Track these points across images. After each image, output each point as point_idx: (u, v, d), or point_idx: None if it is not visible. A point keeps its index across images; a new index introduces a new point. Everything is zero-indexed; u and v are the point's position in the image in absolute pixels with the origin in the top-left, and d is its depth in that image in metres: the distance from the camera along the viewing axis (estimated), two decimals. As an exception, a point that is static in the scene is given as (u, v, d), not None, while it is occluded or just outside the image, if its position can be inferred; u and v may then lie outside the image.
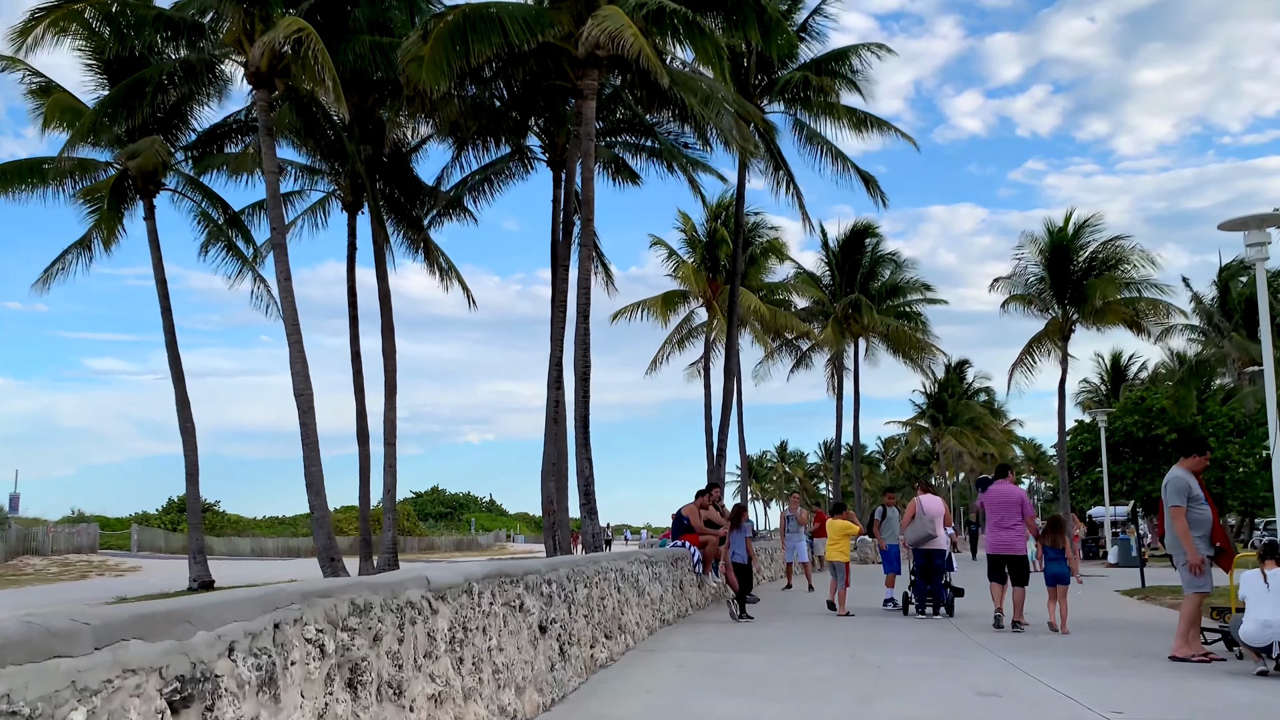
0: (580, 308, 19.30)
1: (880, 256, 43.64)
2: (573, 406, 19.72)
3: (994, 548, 12.43)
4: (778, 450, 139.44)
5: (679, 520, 15.55)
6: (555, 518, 22.22)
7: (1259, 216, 14.99)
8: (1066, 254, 28.68)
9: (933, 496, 14.63)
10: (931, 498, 14.55)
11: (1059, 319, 29.16)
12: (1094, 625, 12.87)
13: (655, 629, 11.75)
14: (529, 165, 26.95)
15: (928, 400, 79.86)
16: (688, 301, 38.86)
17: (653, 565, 12.08)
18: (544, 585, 7.02)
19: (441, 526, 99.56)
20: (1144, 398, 42.24)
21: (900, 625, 12.95)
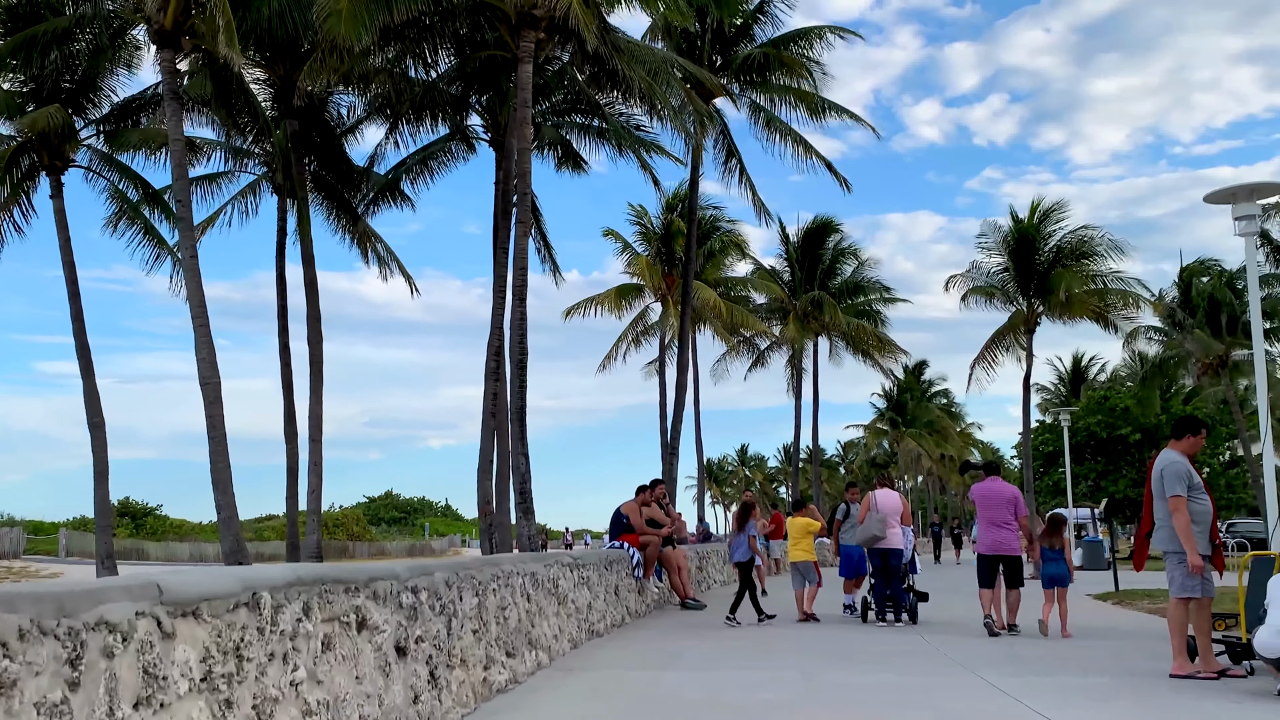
0: (516, 290, 17.74)
1: (841, 251, 42.44)
2: (509, 398, 18.16)
3: (986, 548, 11.46)
4: (738, 454, 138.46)
5: (617, 519, 14.05)
6: (492, 519, 20.63)
7: (1248, 187, 13.73)
8: (1031, 244, 27.57)
9: (889, 492, 13.23)
10: (888, 493, 13.15)
11: (1024, 312, 28.04)
12: (1076, 634, 11.52)
13: (581, 642, 10.22)
14: (471, 146, 25.36)
15: (887, 403, 79.01)
16: (643, 296, 37.40)
17: (580, 568, 10.56)
18: (405, 594, 5.46)
19: (395, 532, 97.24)
20: (1107, 396, 41.36)
21: (861, 635, 11.52)
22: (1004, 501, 11.34)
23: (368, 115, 25.98)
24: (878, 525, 12.75)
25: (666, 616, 13.92)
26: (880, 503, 12.95)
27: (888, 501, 12.96)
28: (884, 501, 12.95)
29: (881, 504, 12.93)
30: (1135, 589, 19.08)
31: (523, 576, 8.07)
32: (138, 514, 73.29)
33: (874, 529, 12.76)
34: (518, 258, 17.64)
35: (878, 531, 12.72)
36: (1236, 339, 36.93)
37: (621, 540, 13.72)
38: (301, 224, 22.76)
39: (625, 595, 12.84)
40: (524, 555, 8.62)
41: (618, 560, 12.78)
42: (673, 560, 14.87)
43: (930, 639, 10.96)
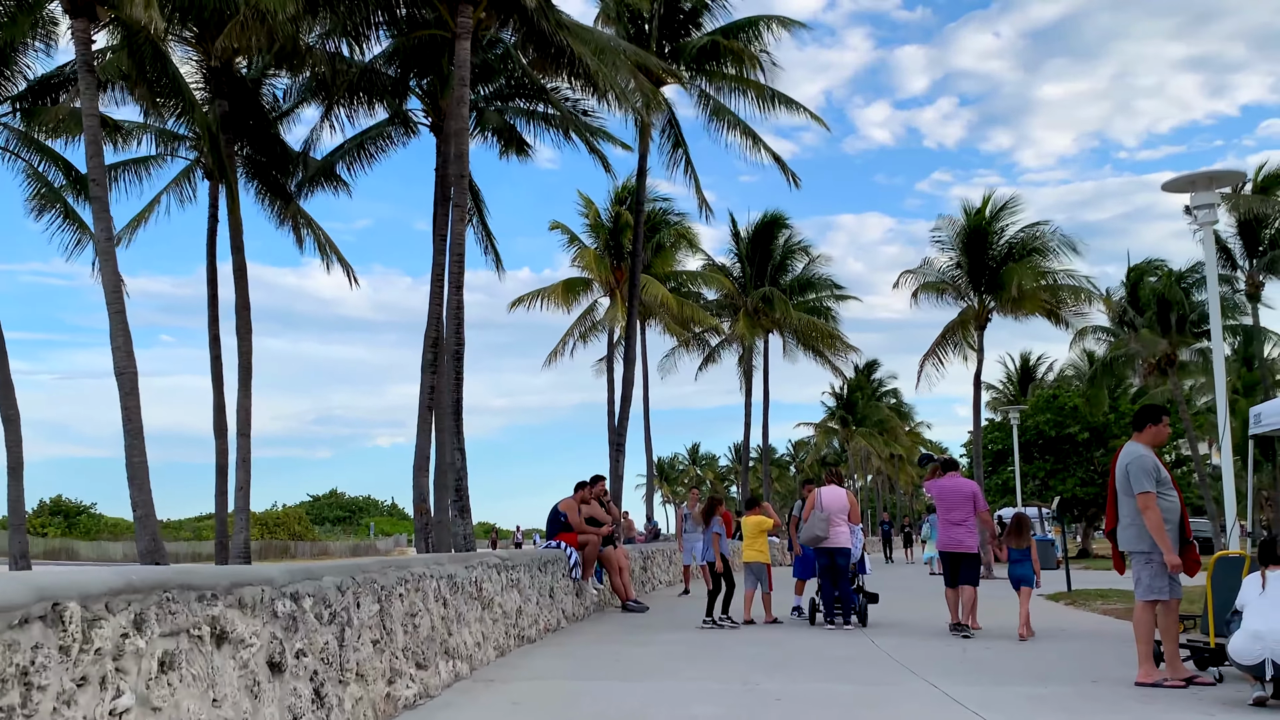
0: (453, 278, 16.95)
1: (792, 248, 42.00)
2: (445, 391, 17.37)
3: (945, 545, 11.28)
4: (689, 453, 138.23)
5: (554, 518, 13.33)
6: (429, 517, 19.80)
7: (1207, 175, 13.34)
8: (984, 239, 27.26)
9: (836, 489, 12.65)
10: (834, 490, 12.57)
11: (974, 308, 27.75)
12: (1033, 637, 11.03)
13: (509, 649, 9.50)
14: (411, 130, 24.44)
15: (838, 401, 79.03)
16: (591, 290, 36.65)
17: (509, 570, 9.83)
18: (281, 602, 4.72)
19: (339, 531, 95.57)
20: (1056, 395, 41.42)
21: (807, 639, 10.92)
22: (962, 498, 11.09)
23: (302, 99, 25.04)
24: (820, 524, 12.18)
25: (606, 620, 13.24)
26: (826, 500, 12.38)
27: (834, 499, 12.39)
28: (829, 499, 12.38)
29: (827, 502, 12.36)
30: (1088, 589, 18.74)
31: (437, 579, 7.33)
32: (70, 512, 71.17)
33: (816, 528, 12.19)
34: (454, 244, 16.85)
35: (820, 531, 12.16)
36: (1185, 337, 37.05)
37: (558, 540, 13.01)
38: (230, 208, 21.74)
39: (561, 598, 12.13)
40: (441, 556, 7.88)
41: (554, 561, 12.06)
42: (613, 560, 14.20)
43: (881, 643, 10.38)
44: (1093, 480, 40.60)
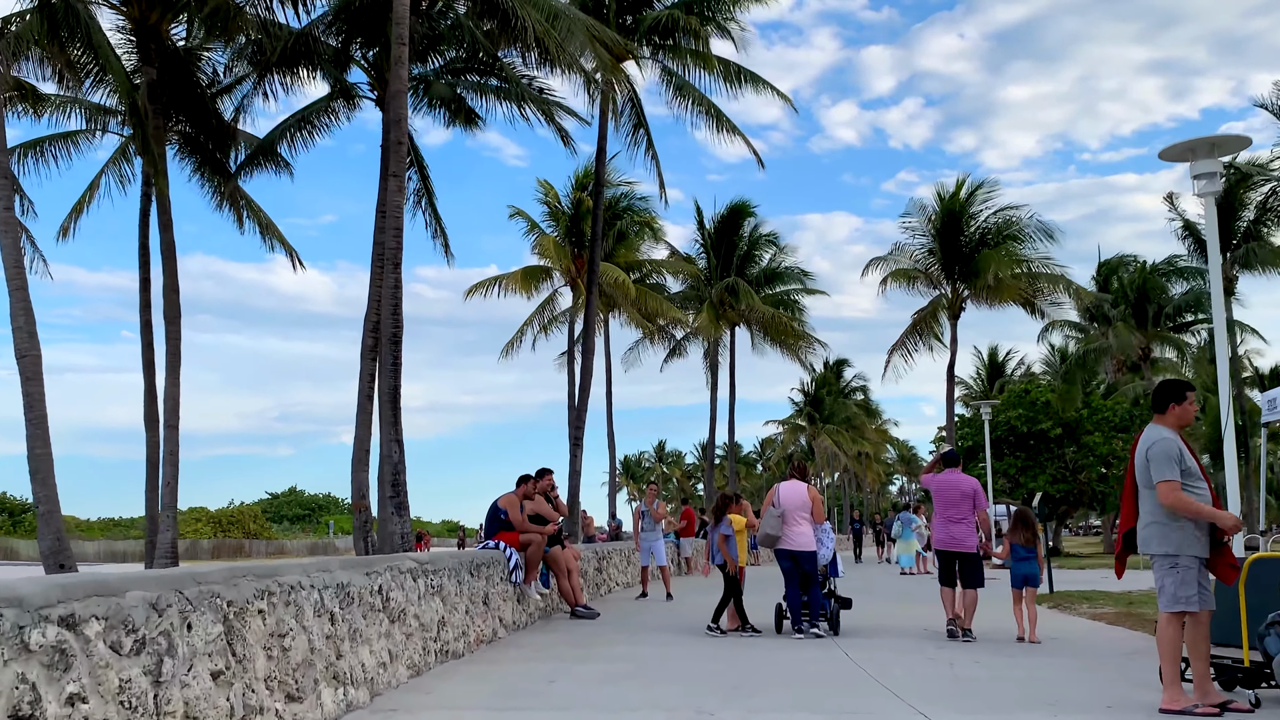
0: (390, 253, 15.56)
1: (759, 238, 40.85)
2: (381, 378, 15.97)
3: (942, 544, 10.83)
4: (655, 450, 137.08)
5: (494, 515, 11.99)
6: (367, 515, 18.39)
7: (1208, 141, 12.19)
8: (958, 223, 26.18)
9: (795, 484, 11.35)
10: (793, 485, 11.26)
11: (948, 295, 26.67)
12: (1024, 649, 9.84)
13: (428, 668, 8.17)
14: (354, 103, 22.98)
15: (805, 398, 78.16)
16: (551, 279, 35.30)
17: (429, 575, 8.49)
18: (39, 630, 3.37)
19: (297, 529, 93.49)
20: (1028, 390, 40.53)
21: (773, 652, 9.66)
22: (961, 495, 10.63)
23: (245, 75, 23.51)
24: (774, 523, 10.92)
25: (551, 629, 11.93)
26: (783, 496, 11.12)
27: (792, 495, 11.11)
28: (787, 495, 11.12)
29: (784, 497, 11.10)
30: (1069, 590, 17.66)
31: (320, 590, 5.99)
32: (15, 510, 68.75)
33: (769, 526, 10.93)
34: (391, 216, 15.46)
35: (773, 530, 10.90)
36: (1161, 331, 36.29)
37: (497, 539, 11.67)
38: (157, 183, 20.22)
39: (498, 605, 10.79)
40: (332, 561, 6.53)
41: (490, 563, 10.73)
42: (561, 562, 12.88)
43: (856, 656, 9.14)
44: (1064, 477, 39.79)
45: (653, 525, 17.14)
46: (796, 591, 10.95)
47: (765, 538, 10.93)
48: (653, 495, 17.62)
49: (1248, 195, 38.24)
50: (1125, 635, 11.20)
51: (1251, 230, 38.25)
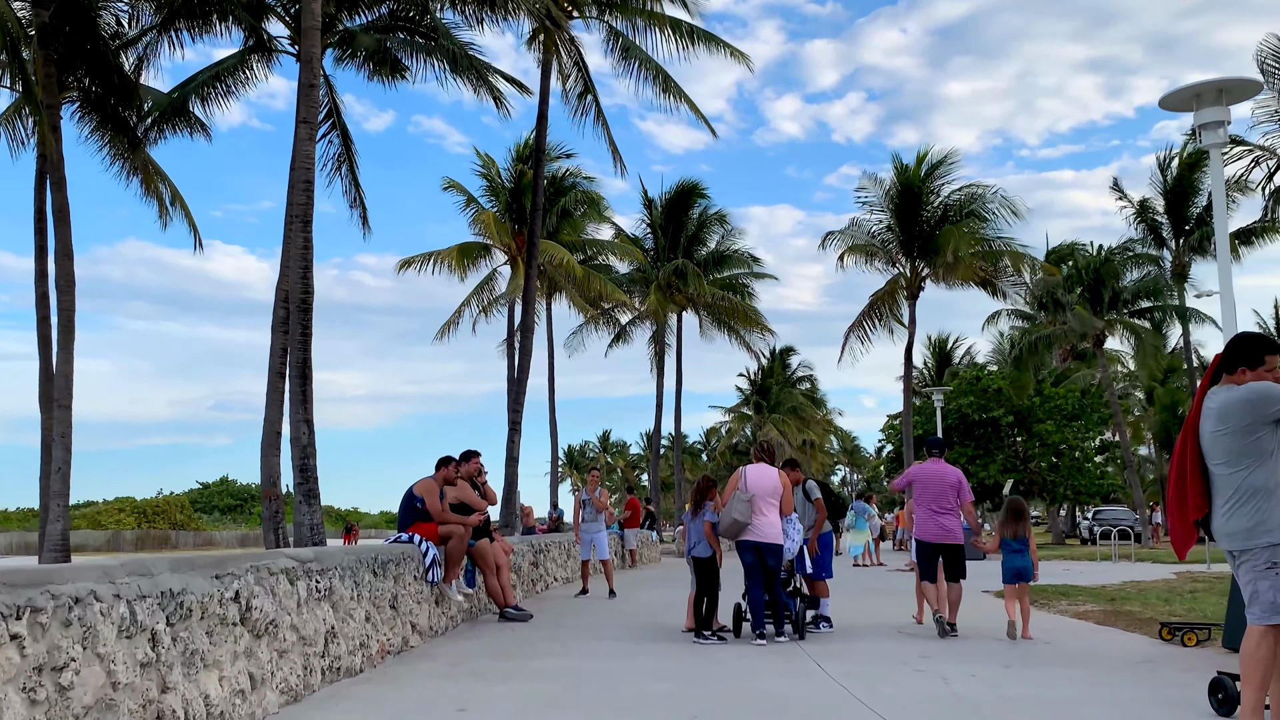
0: (299, 210, 13.83)
1: (708, 219, 39.44)
2: (291, 350, 14.24)
3: (931, 535, 10.19)
4: (600, 440, 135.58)
5: (408, 503, 10.39)
6: (279, 503, 16.65)
7: (1215, 85, 10.96)
8: (916, 199, 24.90)
9: (765, 469, 9.96)
10: (764, 470, 9.86)
11: (906, 275, 25.44)
12: (1019, 656, 8.50)
13: (309, 691, 6.59)
14: (272, 56, 21.09)
15: (752, 387, 77.20)
16: (490, 256, 33.55)
17: (313, 576, 6.90)
18: None
19: (228, 520, 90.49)
20: (980, 377, 39.68)
21: (734, 663, 8.21)
22: (948, 486, 10.16)
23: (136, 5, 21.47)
24: (742, 508, 9.51)
25: (476, 634, 10.37)
26: (751, 480, 9.71)
27: (761, 480, 9.71)
28: (756, 479, 9.71)
29: (752, 481, 9.70)
30: (1045, 585, 16.45)
31: (130, 601, 4.38)
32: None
33: (738, 513, 9.51)
34: (300, 166, 13.73)
35: (741, 515, 9.49)
36: (1119, 316, 35.54)
37: (411, 532, 10.07)
38: (40, 134, 18.21)
39: (411, 609, 9.21)
40: (157, 560, 4.90)
41: (400, 559, 9.14)
42: (489, 557, 11.32)
43: (833, 669, 7.72)
44: (1014, 466, 39.03)
45: (595, 515, 15.66)
46: (759, 590, 9.53)
47: (731, 525, 9.51)
48: (595, 482, 16.10)
49: (1200, 180, 37.71)
50: (1123, 638, 9.95)
51: (1204, 216, 37.74)
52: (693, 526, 9.95)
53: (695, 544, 9.90)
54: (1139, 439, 49.28)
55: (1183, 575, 19.49)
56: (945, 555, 10.09)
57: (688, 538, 10.05)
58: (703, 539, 9.87)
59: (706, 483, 10.14)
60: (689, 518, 10.02)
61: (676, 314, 40.61)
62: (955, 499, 10.10)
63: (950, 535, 10.07)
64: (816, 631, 10.29)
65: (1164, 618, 11.27)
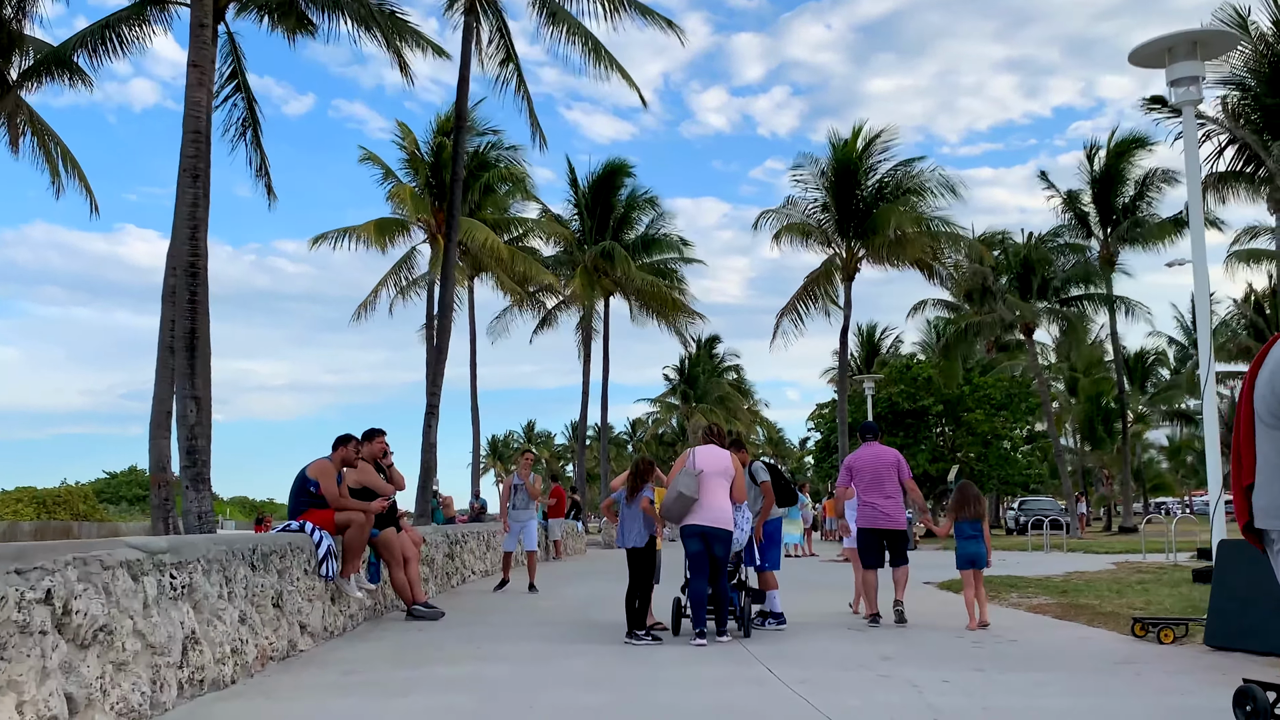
0: (188, 163, 12.41)
1: (636, 201, 38.38)
2: (179, 318, 12.81)
3: (869, 521, 9.88)
4: (525, 430, 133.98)
5: (300, 487, 9.13)
6: (169, 489, 15.18)
7: (1189, 38, 10.17)
8: (853, 176, 24.07)
9: (716, 450, 8.98)
10: (713, 451, 8.89)
11: (842, 255, 24.63)
12: (996, 652, 7.59)
13: (158, 710, 5.37)
14: (166, 4, 19.42)
15: (679, 376, 76.48)
16: (409, 234, 32.04)
17: (169, 570, 5.67)
18: None
19: (136, 511, 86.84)
20: (909, 366, 39.32)
21: (674, 669, 7.17)
22: (887, 467, 9.86)
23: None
24: (688, 482, 8.49)
25: (378, 635, 9.17)
26: (700, 458, 8.71)
27: (712, 460, 8.71)
28: (706, 458, 8.71)
29: (701, 459, 8.70)
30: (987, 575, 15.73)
31: None
32: None
33: (683, 485, 8.49)
34: (190, 114, 12.29)
35: (687, 489, 8.47)
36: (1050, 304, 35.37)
37: (303, 519, 8.83)
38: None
39: (300, 608, 7.98)
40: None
41: (289, 550, 7.91)
42: (394, 548, 10.11)
43: (787, 675, 6.72)
44: (942, 455, 38.76)
45: (526, 502, 14.24)
46: (703, 583, 8.50)
47: (676, 502, 8.46)
48: (528, 467, 14.71)
49: (1127, 170, 37.77)
50: (1093, 635, 9.14)
51: (1130, 206, 37.82)
52: (629, 512, 8.84)
53: (631, 532, 8.80)
54: (1060, 430, 49.55)
55: (1123, 565, 19.03)
56: (890, 540, 9.83)
57: (621, 526, 8.94)
58: (639, 527, 8.79)
59: (646, 464, 9.05)
60: (624, 503, 8.92)
61: (604, 299, 39.53)
62: (896, 481, 9.82)
63: (893, 520, 9.78)
64: (763, 629, 9.32)
65: (1121, 610, 10.57)
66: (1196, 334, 10.45)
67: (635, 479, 8.85)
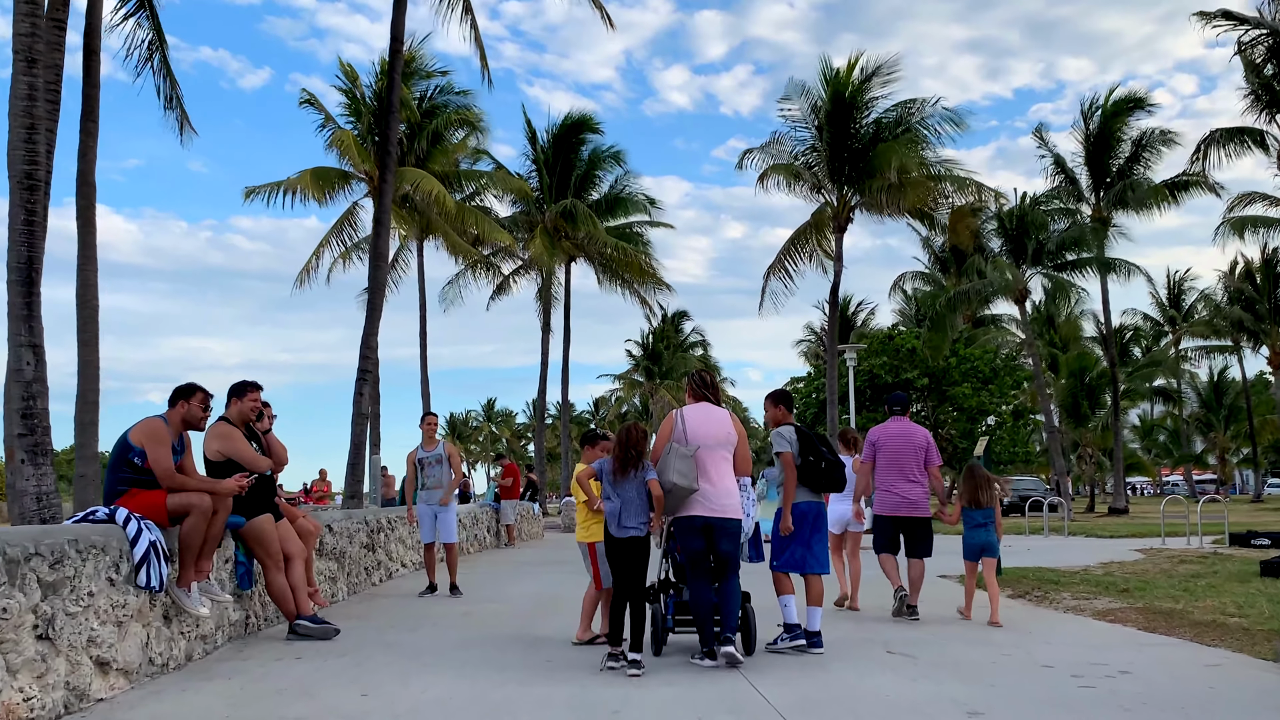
0: (23, 46, 9.58)
1: (600, 157, 35.65)
2: (13, 247, 10.02)
3: (890, 508, 8.57)
4: (484, 408, 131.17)
5: (120, 458, 6.44)
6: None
7: None
8: (849, 113, 21.36)
9: (709, 408, 6.51)
10: (707, 412, 6.44)
11: (834, 203, 22.07)
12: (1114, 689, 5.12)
13: None
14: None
15: (643, 351, 73.99)
16: (349, 187, 29.10)
17: None
18: None
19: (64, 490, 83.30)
20: (892, 336, 37.02)
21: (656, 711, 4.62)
22: (915, 449, 8.63)
23: None
24: (683, 467, 6.09)
25: (232, 669, 6.54)
26: (692, 426, 6.28)
27: (707, 426, 6.30)
28: (699, 425, 6.30)
29: (695, 429, 6.27)
30: (1010, 567, 13.34)
31: None
32: None
33: (676, 473, 6.10)
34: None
35: (682, 478, 6.13)
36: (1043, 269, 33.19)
37: (119, 504, 6.16)
38: None
39: (94, 637, 5.33)
40: None
41: (74, 551, 5.26)
42: (272, 542, 7.43)
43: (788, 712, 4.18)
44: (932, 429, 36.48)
45: (439, 480, 11.37)
46: (707, 590, 6.04)
47: (671, 494, 5.97)
48: (432, 431, 11.64)
49: (1124, 131, 35.63)
50: (1216, 658, 6.73)
51: (1125, 169, 35.69)
52: (620, 493, 6.25)
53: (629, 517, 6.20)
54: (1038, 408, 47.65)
55: (1151, 553, 16.75)
56: (912, 529, 8.56)
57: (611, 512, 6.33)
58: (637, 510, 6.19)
59: (638, 432, 6.44)
60: (609, 482, 6.34)
61: (565, 265, 36.85)
62: (921, 465, 8.58)
63: (915, 508, 8.56)
64: (779, 650, 6.83)
65: (1219, 619, 8.24)
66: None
67: (626, 450, 6.25)
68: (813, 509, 7.31)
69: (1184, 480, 77.03)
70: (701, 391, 6.69)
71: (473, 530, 18.03)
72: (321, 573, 9.71)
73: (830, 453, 7.39)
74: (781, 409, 7.44)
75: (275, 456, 7.74)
